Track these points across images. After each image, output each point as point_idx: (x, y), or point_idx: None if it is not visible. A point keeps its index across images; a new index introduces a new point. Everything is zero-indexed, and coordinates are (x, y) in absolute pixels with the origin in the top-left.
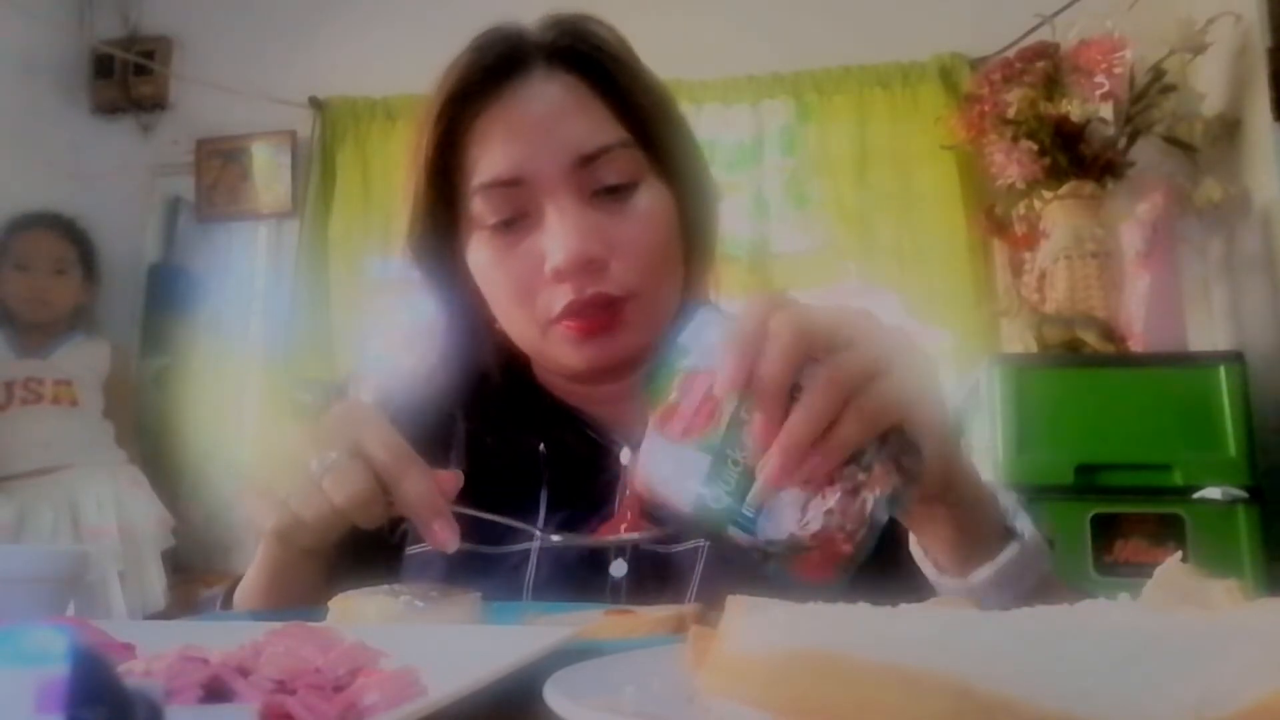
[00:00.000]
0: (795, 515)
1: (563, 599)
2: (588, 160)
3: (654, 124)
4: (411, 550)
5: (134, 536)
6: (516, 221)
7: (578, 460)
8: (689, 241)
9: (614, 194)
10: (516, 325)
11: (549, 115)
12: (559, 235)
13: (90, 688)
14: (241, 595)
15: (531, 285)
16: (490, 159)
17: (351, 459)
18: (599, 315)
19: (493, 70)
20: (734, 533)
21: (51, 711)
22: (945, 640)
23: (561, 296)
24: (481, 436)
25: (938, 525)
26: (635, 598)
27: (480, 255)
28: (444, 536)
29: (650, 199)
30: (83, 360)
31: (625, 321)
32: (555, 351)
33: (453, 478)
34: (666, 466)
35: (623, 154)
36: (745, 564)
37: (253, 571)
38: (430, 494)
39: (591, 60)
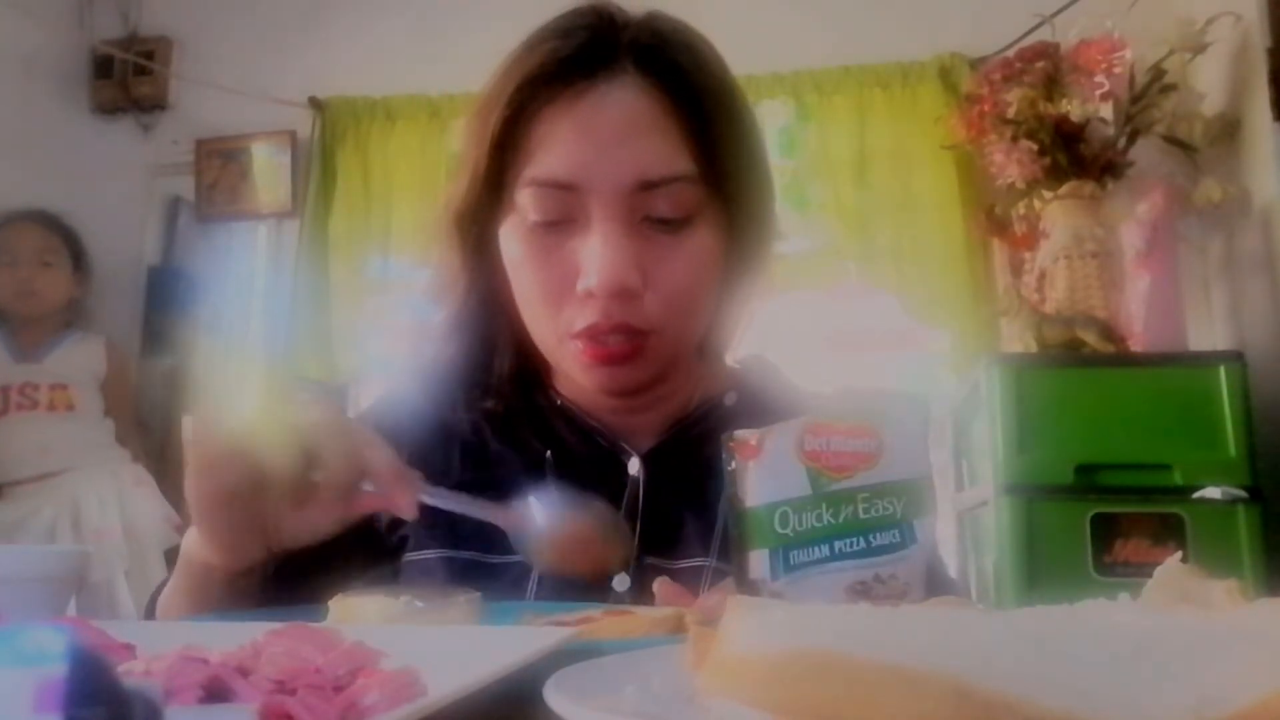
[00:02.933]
0: None
1: None
2: (649, 186)
3: (727, 159)
4: (411, 556)
5: (137, 535)
6: (560, 224)
7: (585, 469)
8: (732, 280)
9: (665, 225)
10: (536, 325)
11: (622, 127)
12: (599, 258)
13: (90, 688)
14: (164, 598)
15: (560, 294)
16: (551, 156)
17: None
18: (619, 345)
19: (575, 61)
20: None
21: (51, 711)
22: (945, 640)
23: (586, 316)
24: (486, 439)
25: None
26: None
27: (514, 246)
28: (406, 503)
29: (701, 238)
30: (78, 361)
31: (643, 353)
32: (567, 365)
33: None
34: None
35: (685, 188)
36: (752, 584)
37: (173, 579)
38: (396, 461)
39: (684, 79)
